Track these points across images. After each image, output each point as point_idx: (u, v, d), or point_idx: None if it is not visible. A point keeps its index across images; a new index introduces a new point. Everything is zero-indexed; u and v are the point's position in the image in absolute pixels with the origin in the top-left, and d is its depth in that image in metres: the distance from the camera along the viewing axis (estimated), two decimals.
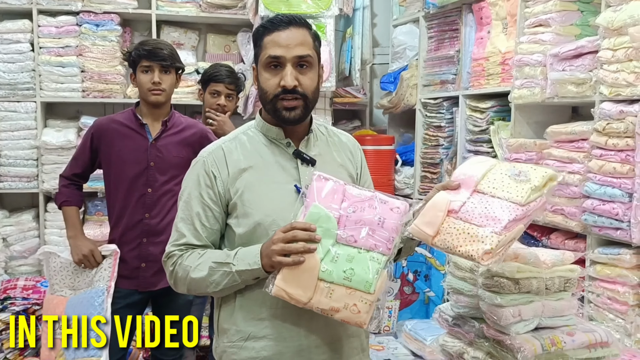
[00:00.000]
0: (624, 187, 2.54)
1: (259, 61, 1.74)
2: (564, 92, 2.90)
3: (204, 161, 1.77)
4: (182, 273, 1.73)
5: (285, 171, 1.77)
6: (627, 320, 2.56)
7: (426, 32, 4.31)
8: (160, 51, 2.84)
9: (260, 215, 1.70)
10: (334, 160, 1.86)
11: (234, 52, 4.81)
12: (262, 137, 1.80)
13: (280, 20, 1.73)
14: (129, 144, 2.86)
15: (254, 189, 1.73)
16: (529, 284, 1.79)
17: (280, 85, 1.70)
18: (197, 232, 1.74)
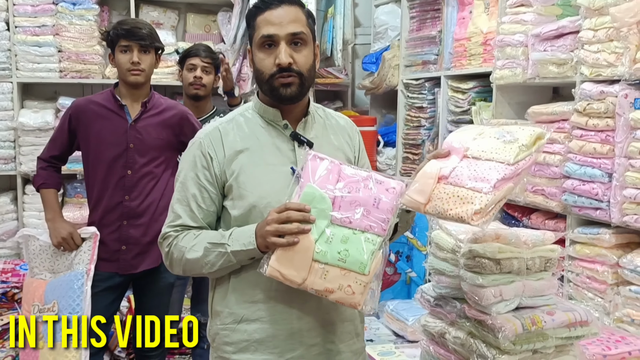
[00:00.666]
0: (604, 167, 2.55)
1: (253, 42, 1.72)
2: (545, 72, 2.91)
3: (201, 142, 1.75)
4: (177, 254, 1.72)
5: (281, 153, 1.75)
6: (605, 299, 2.59)
7: (408, 12, 4.29)
8: (139, 30, 2.80)
9: (255, 197, 1.69)
10: (331, 143, 1.84)
11: (215, 32, 4.76)
12: (259, 119, 1.78)
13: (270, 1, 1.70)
14: (108, 126, 2.82)
15: (250, 171, 1.71)
16: (510, 264, 1.80)
17: (276, 64, 1.67)
18: (192, 213, 1.73)
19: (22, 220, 4.24)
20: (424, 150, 4.14)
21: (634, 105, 2.44)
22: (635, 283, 2.45)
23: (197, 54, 3.43)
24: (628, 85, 2.46)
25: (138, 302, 3.07)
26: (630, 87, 2.46)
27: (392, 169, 4.46)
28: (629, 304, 2.48)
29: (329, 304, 1.67)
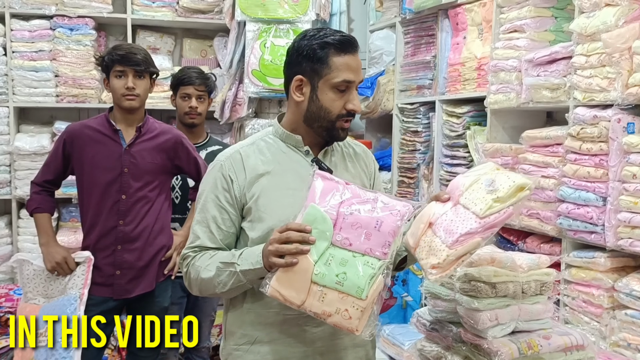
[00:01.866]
0: (598, 191, 2.57)
1: (325, 79, 1.72)
2: (538, 97, 2.93)
3: (222, 165, 1.78)
4: (194, 274, 1.74)
5: (302, 178, 1.75)
6: (602, 323, 2.58)
7: (403, 38, 4.33)
8: (134, 56, 2.81)
9: (274, 221, 1.69)
10: (348, 172, 1.88)
11: (211, 57, 4.79)
12: (281, 144, 1.82)
13: (350, 44, 1.74)
14: (102, 150, 2.82)
15: (270, 194, 1.74)
16: (506, 288, 1.80)
17: (348, 109, 1.74)
18: (212, 234, 1.76)
19: (17, 245, 4.22)
20: (419, 174, 4.15)
21: (627, 130, 2.46)
22: (631, 307, 2.45)
23: (191, 82, 3.33)
24: (621, 110, 2.49)
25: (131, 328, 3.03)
26: (623, 111, 2.48)
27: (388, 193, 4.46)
28: (625, 328, 2.47)
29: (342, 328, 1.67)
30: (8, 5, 4.16)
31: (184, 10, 4.51)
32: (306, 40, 1.74)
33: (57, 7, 4.24)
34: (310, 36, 1.75)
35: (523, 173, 2.96)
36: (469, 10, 3.64)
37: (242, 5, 4.07)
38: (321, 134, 1.78)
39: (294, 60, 1.76)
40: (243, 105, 4.36)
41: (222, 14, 4.46)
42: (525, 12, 3.03)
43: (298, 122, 1.80)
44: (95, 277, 2.78)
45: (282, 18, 4.08)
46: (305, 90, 1.75)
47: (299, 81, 1.75)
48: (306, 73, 1.74)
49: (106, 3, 4.34)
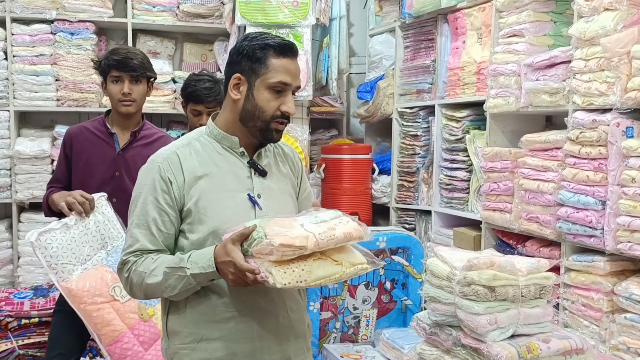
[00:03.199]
0: (597, 195, 2.57)
1: (262, 79, 1.78)
2: (538, 101, 2.94)
3: (159, 166, 1.79)
4: (137, 279, 1.74)
5: (239, 180, 1.82)
6: (601, 326, 2.59)
7: (402, 42, 4.34)
8: (130, 61, 2.79)
9: (216, 223, 1.74)
10: (280, 171, 1.94)
11: (211, 61, 4.80)
12: (217, 145, 1.84)
13: (290, 48, 1.79)
14: (96, 152, 2.82)
15: (209, 197, 1.77)
16: (505, 291, 1.81)
17: (282, 110, 1.79)
18: (153, 236, 1.76)
19: (17, 249, 4.22)
20: (418, 177, 4.16)
21: (625, 134, 2.47)
22: (630, 311, 2.45)
23: (200, 101, 3.07)
24: (620, 114, 2.49)
25: None
26: (622, 115, 2.49)
27: (387, 197, 4.47)
28: (624, 332, 2.47)
29: (287, 322, 1.82)
30: (9, 10, 4.17)
31: (184, 14, 4.52)
32: (247, 41, 1.80)
33: (58, 12, 4.25)
34: (252, 37, 1.81)
35: (522, 177, 2.97)
36: (468, 14, 3.65)
37: (242, 10, 4.07)
38: (255, 134, 1.82)
39: (234, 60, 1.81)
40: None
41: (222, 19, 4.47)
42: (524, 16, 3.04)
43: (234, 121, 1.83)
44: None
45: (282, 22, 4.09)
46: (242, 88, 1.79)
47: (237, 79, 1.79)
48: (245, 72, 1.79)
49: (107, 7, 4.35)
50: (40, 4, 4.22)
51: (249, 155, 1.86)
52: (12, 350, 3.53)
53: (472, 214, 3.59)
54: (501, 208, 3.17)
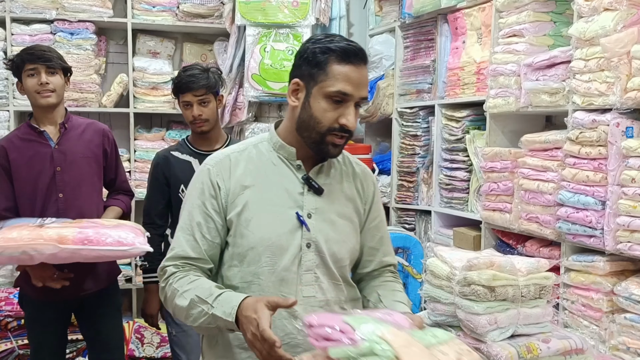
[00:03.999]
0: (597, 195, 2.57)
1: (320, 86, 1.61)
2: (537, 101, 2.94)
3: (209, 170, 1.70)
4: (170, 294, 1.65)
5: (289, 195, 1.68)
6: (601, 326, 2.59)
7: (402, 42, 4.34)
8: (45, 53, 2.76)
9: (256, 239, 1.64)
10: (343, 192, 1.77)
11: (211, 61, 4.80)
12: (273, 155, 1.72)
13: (355, 54, 1.61)
14: (33, 155, 2.76)
15: (253, 210, 1.66)
16: (505, 291, 1.81)
17: (340, 123, 1.61)
18: (195, 243, 1.67)
19: None
20: (418, 177, 4.16)
21: (625, 134, 2.47)
22: (630, 311, 2.45)
23: (187, 89, 2.91)
24: (620, 114, 2.49)
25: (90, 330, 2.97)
26: (621, 115, 2.49)
27: (387, 197, 4.47)
28: (624, 332, 2.47)
29: None
30: (9, 10, 4.17)
31: (184, 14, 4.52)
32: (310, 44, 1.65)
33: (58, 12, 4.25)
34: (315, 40, 1.65)
35: (522, 177, 2.97)
36: (468, 14, 3.65)
37: (242, 10, 4.08)
38: (310, 146, 1.66)
39: (295, 63, 1.68)
40: (243, 110, 4.37)
41: (222, 19, 4.47)
42: (524, 16, 3.04)
43: (292, 130, 1.69)
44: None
45: (282, 22, 4.09)
46: (300, 95, 1.65)
47: (296, 85, 1.66)
48: (304, 77, 1.64)
49: (107, 7, 4.35)
50: (40, 4, 4.22)
51: (305, 169, 1.71)
52: (12, 350, 3.53)
53: (472, 214, 3.59)
54: (501, 208, 3.18)
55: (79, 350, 3.75)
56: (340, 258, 1.73)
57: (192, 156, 2.98)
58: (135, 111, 4.45)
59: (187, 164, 2.96)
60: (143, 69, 4.46)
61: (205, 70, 2.95)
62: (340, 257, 1.73)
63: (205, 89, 2.91)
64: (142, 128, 4.60)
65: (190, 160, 2.96)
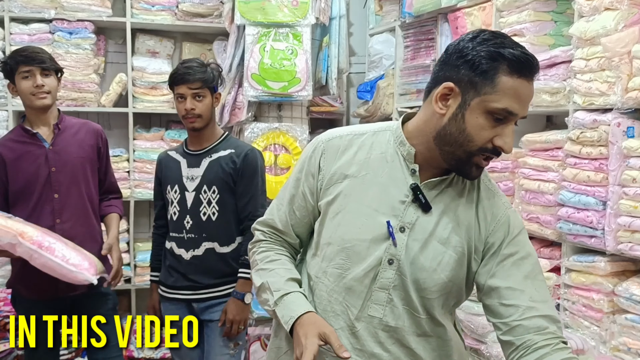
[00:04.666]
0: (598, 195, 2.56)
1: (481, 99, 1.35)
2: (538, 101, 2.93)
3: (317, 147, 1.56)
4: (252, 261, 1.66)
5: (388, 199, 1.47)
6: (602, 327, 2.58)
7: (402, 41, 4.33)
8: (38, 55, 2.77)
9: (335, 236, 1.50)
10: (457, 216, 1.48)
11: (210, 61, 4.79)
12: (391, 149, 1.50)
13: (530, 66, 1.36)
14: (27, 157, 2.78)
15: (345, 203, 1.50)
16: None
17: (496, 145, 1.37)
18: (284, 216, 1.61)
19: None
20: None
21: (626, 134, 2.46)
22: (631, 311, 2.45)
23: (184, 80, 2.77)
24: (620, 114, 2.49)
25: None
26: (622, 115, 2.49)
27: None
28: (625, 333, 2.47)
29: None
30: (7, 9, 4.15)
31: (183, 14, 4.51)
32: (475, 43, 1.36)
33: (57, 11, 4.24)
34: (483, 39, 1.37)
35: (523, 177, 2.96)
36: (468, 14, 3.64)
37: (241, 9, 4.06)
38: (449, 161, 1.42)
39: (451, 62, 1.39)
40: (242, 109, 4.35)
41: (221, 18, 4.46)
42: (524, 16, 3.03)
43: (426, 135, 1.45)
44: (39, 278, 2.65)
45: (282, 22, 4.08)
46: (451, 102, 1.38)
47: (449, 89, 1.38)
48: (461, 83, 1.37)
49: (106, 7, 4.33)
50: (39, 3, 4.21)
51: (420, 177, 1.47)
52: (11, 350, 3.52)
53: None
54: None
55: (78, 351, 3.74)
56: (425, 288, 1.47)
57: (182, 156, 2.88)
58: (135, 111, 4.44)
59: (176, 164, 2.88)
60: (142, 68, 4.45)
61: (205, 65, 2.87)
62: (425, 287, 1.47)
63: (201, 82, 2.78)
64: (141, 128, 4.59)
65: (179, 160, 2.87)
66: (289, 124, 4.05)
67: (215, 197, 2.79)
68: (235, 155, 2.81)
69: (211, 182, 2.78)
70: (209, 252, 2.80)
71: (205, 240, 2.79)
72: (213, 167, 2.80)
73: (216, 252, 2.80)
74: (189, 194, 2.81)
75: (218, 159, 2.82)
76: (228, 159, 2.81)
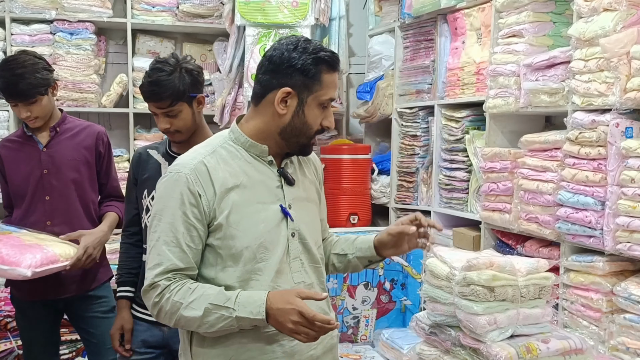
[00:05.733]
0: (597, 195, 2.57)
1: (313, 95, 1.71)
2: (537, 101, 2.94)
3: (187, 178, 1.67)
4: (170, 307, 1.65)
5: (269, 191, 1.74)
6: (600, 327, 2.59)
7: (402, 42, 4.34)
8: (16, 87, 2.67)
9: (249, 238, 1.68)
10: (305, 177, 1.88)
11: (211, 61, 4.80)
12: (244, 153, 1.75)
13: (338, 62, 1.75)
14: (21, 157, 2.81)
15: (241, 210, 1.69)
16: (505, 291, 1.81)
17: (323, 125, 1.76)
18: (183, 253, 1.67)
19: None
20: (418, 178, 4.16)
21: (625, 134, 2.47)
22: (630, 311, 2.45)
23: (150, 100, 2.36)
24: (619, 115, 2.49)
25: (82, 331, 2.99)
26: (621, 116, 2.49)
27: (387, 197, 4.47)
28: (624, 332, 2.47)
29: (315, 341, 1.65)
30: (8, 10, 4.17)
31: (183, 14, 4.52)
32: (298, 53, 1.68)
33: (58, 12, 4.25)
34: (303, 49, 1.69)
35: (522, 177, 2.97)
36: (467, 15, 3.65)
37: (241, 10, 4.07)
38: (295, 148, 1.77)
39: (282, 71, 1.69)
40: (242, 110, 4.37)
41: (221, 19, 4.47)
42: (523, 17, 3.04)
43: (269, 132, 1.74)
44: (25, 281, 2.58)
45: (282, 23, 4.09)
46: (290, 103, 1.70)
47: (286, 93, 1.69)
48: (296, 87, 1.69)
49: (106, 8, 4.35)
50: (40, 4, 4.22)
51: (277, 164, 1.78)
52: (12, 350, 3.53)
53: (472, 214, 3.59)
54: (500, 208, 3.17)
55: (78, 351, 3.75)
56: (317, 240, 1.86)
57: (164, 158, 2.51)
58: (135, 111, 4.46)
59: (155, 165, 2.50)
60: (143, 69, 4.45)
61: (176, 70, 2.35)
62: (316, 239, 1.85)
63: (171, 99, 2.32)
64: (142, 128, 4.60)
65: (160, 162, 2.52)
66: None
67: None
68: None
69: None
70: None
71: None
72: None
73: None
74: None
75: None
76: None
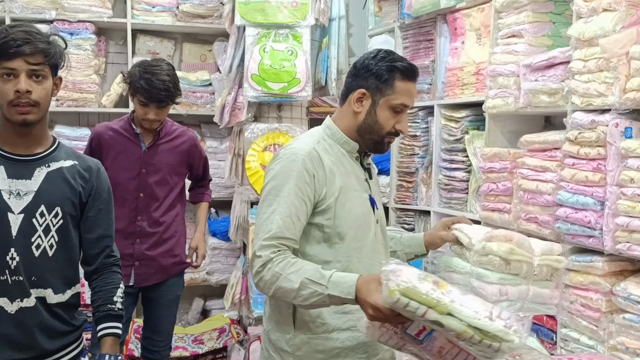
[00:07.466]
0: (596, 195, 2.57)
1: (386, 99, 1.92)
2: (536, 101, 2.94)
3: (304, 160, 1.87)
4: (270, 277, 1.77)
5: (359, 182, 2.00)
6: (600, 327, 2.59)
7: (401, 42, 4.34)
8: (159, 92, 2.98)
9: (352, 219, 1.92)
10: (374, 174, 2.13)
11: (210, 62, 4.81)
12: (339, 147, 1.99)
13: (414, 73, 1.95)
14: (124, 151, 3.07)
15: (346, 194, 1.92)
16: (519, 266, 1.87)
17: (397, 129, 1.96)
18: (292, 225, 1.82)
19: None
20: (417, 178, 4.16)
21: (624, 134, 2.47)
22: (629, 311, 2.46)
23: (18, 50, 1.87)
24: (618, 115, 2.50)
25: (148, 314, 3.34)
26: (620, 116, 2.49)
27: (387, 197, 4.48)
28: (623, 332, 2.47)
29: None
30: (8, 10, 4.17)
31: (183, 15, 4.52)
32: (376, 60, 1.93)
33: (58, 12, 4.26)
34: (381, 57, 1.93)
35: (521, 177, 2.98)
36: (467, 15, 3.66)
37: (241, 10, 4.07)
38: (369, 145, 1.99)
39: (360, 74, 1.94)
40: (242, 110, 4.36)
41: (221, 19, 4.47)
42: (523, 17, 3.04)
43: (353, 129, 1.98)
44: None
45: (282, 23, 4.09)
46: (365, 103, 1.94)
47: (361, 94, 1.93)
48: (370, 89, 1.92)
49: (106, 8, 4.35)
50: (40, 4, 4.23)
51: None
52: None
53: (471, 214, 3.59)
54: (500, 208, 3.18)
55: None
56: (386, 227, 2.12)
57: None
58: None
59: None
60: None
61: (45, 34, 1.98)
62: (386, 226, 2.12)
63: (44, 55, 1.91)
64: None
65: None
66: (289, 124, 4.07)
67: (57, 222, 1.98)
68: (83, 169, 2.06)
69: (53, 201, 1.97)
70: (41, 303, 1.97)
71: (35, 285, 1.95)
72: (54, 181, 1.99)
73: (48, 303, 1.98)
74: (14, 217, 1.93)
75: (60, 169, 2.02)
76: (74, 171, 2.04)
